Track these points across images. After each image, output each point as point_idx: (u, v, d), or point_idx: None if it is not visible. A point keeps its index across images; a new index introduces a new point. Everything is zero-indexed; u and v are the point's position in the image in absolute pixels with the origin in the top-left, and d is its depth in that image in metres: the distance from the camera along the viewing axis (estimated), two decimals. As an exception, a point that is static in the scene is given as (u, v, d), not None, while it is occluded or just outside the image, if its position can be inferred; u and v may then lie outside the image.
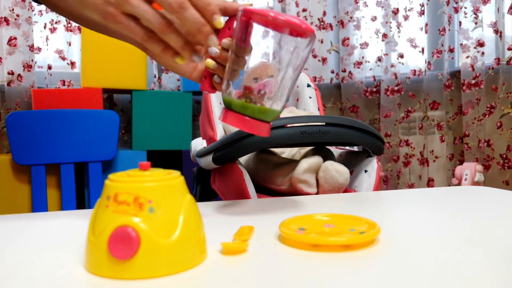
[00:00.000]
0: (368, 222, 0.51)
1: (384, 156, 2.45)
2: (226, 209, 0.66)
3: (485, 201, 0.70)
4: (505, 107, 2.25)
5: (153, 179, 0.39)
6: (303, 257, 0.43)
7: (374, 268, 0.40)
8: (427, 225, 0.55)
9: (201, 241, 0.42)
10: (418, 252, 0.44)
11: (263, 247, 0.47)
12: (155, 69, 2.34)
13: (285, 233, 0.47)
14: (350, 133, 0.82)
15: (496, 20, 2.22)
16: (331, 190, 0.83)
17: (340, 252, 0.44)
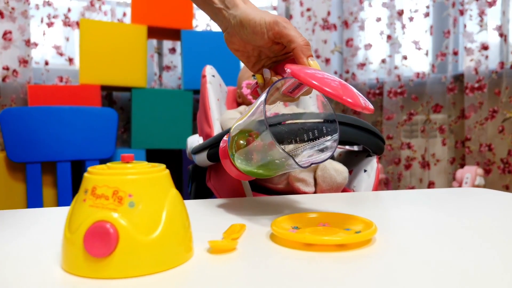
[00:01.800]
0: (364, 222, 0.48)
1: (386, 159, 2.42)
2: (219, 207, 0.63)
3: (485, 203, 0.67)
4: (508, 111, 2.22)
5: (135, 171, 0.37)
6: (295, 256, 0.41)
7: (369, 269, 0.38)
8: (426, 226, 0.53)
9: (186, 239, 0.40)
10: (415, 253, 0.41)
11: (253, 246, 0.44)
12: (156, 67, 2.32)
13: (277, 231, 0.45)
14: (350, 131, 0.79)
15: (502, 23, 2.19)
16: (329, 189, 0.81)
17: (334, 252, 0.42)
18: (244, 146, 0.54)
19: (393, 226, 0.54)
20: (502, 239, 0.47)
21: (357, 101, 0.46)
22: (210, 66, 1.09)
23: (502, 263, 0.39)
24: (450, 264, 0.38)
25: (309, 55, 0.54)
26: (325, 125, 0.56)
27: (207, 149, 0.77)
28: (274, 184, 0.83)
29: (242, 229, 0.49)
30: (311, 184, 0.81)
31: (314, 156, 0.56)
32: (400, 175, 2.41)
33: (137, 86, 1.95)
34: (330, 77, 0.50)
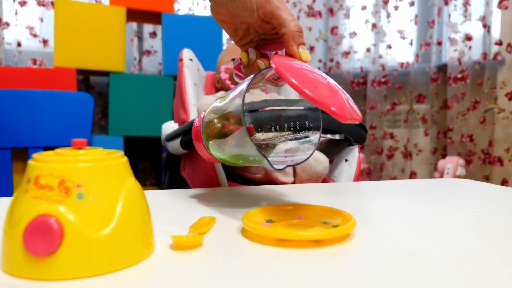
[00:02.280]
0: (343, 215, 0.45)
1: (368, 149, 2.41)
2: (190, 198, 0.60)
3: (467, 194, 0.65)
4: (489, 102, 2.22)
5: (86, 159, 0.33)
6: (267, 253, 0.37)
7: (346, 266, 0.34)
8: (407, 219, 0.50)
9: (145, 234, 0.36)
10: (396, 248, 0.38)
11: (222, 241, 0.41)
12: (136, 51, 2.26)
13: (248, 225, 0.41)
14: (331, 119, 0.76)
15: (485, 14, 2.18)
16: (308, 179, 0.77)
17: (310, 248, 0.39)
18: (218, 132, 0.50)
19: (373, 219, 0.51)
20: (485, 230, 0.44)
21: (344, 112, 0.41)
22: (188, 49, 1.04)
23: (486, 254, 0.36)
24: (433, 259, 0.35)
25: (300, 43, 0.50)
26: (308, 113, 0.53)
27: (181, 136, 0.73)
28: (251, 174, 0.79)
29: (212, 223, 0.45)
30: (290, 174, 0.77)
31: (293, 151, 0.52)
32: (383, 165, 2.40)
33: (115, 71, 1.88)
34: (318, 75, 0.45)
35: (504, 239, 0.42)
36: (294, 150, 0.52)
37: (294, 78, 0.42)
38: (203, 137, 0.51)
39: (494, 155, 2.23)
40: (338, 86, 0.46)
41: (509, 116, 2.20)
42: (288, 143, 0.54)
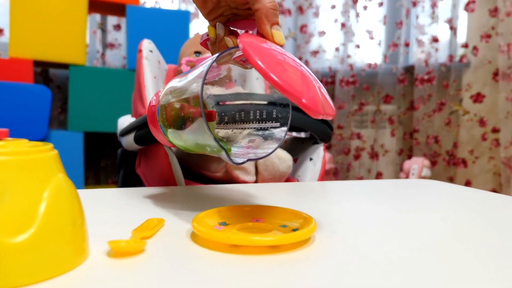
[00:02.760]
0: (303, 217, 0.41)
1: (336, 149, 2.40)
2: (140, 198, 0.55)
3: (432, 194, 0.63)
4: (454, 104, 2.25)
5: (3, 151, 0.28)
6: (217, 260, 0.33)
7: (304, 275, 0.31)
8: (372, 220, 0.47)
9: (76, 239, 0.31)
10: (359, 254, 0.35)
11: (167, 247, 0.36)
12: (99, 44, 2.17)
13: (198, 229, 0.37)
14: (296, 115, 0.73)
15: (452, 16, 2.21)
16: (271, 178, 0.74)
17: (266, 255, 0.35)
18: (175, 115, 0.45)
19: (336, 221, 0.47)
20: (451, 230, 0.42)
21: (316, 105, 0.36)
22: (148, 40, 0.99)
23: (453, 253, 0.33)
24: (399, 262, 0.32)
25: (274, 23, 0.45)
26: (275, 108, 0.49)
27: (135, 130, 0.68)
28: (211, 172, 0.75)
29: (159, 226, 0.41)
30: (252, 173, 0.73)
31: (256, 144, 0.48)
32: (349, 165, 2.40)
33: (75, 63, 1.80)
34: (290, 59, 0.40)
35: (470, 238, 0.39)
36: (258, 143, 0.48)
37: (261, 60, 0.36)
38: (159, 120, 0.47)
39: (458, 157, 2.26)
40: (312, 74, 0.41)
41: (473, 118, 2.23)
42: (252, 135, 0.50)
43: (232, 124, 0.51)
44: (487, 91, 2.19)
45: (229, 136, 0.51)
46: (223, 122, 0.51)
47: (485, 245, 0.39)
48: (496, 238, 0.41)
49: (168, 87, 0.46)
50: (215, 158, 0.74)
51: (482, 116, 2.21)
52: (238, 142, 0.49)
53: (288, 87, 0.34)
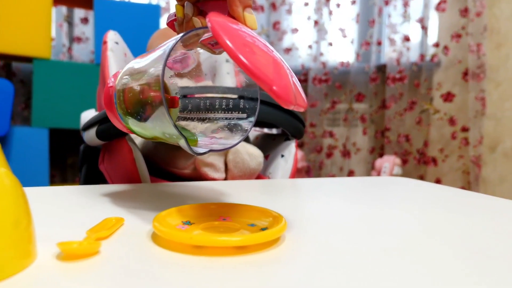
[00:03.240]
0: (273, 215, 0.39)
1: (308, 147, 2.40)
2: (100, 196, 0.51)
3: (404, 191, 0.61)
4: (425, 103, 2.28)
5: None
6: (179, 263, 0.31)
7: (273, 278, 0.28)
8: (344, 217, 0.45)
9: (20, 241, 0.28)
10: (330, 253, 0.33)
11: (125, 249, 0.33)
12: (65, 38, 2.10)
13: (159, 229, 0.34)
14: (267, 110, 0.70)
15: (423, 16, 2.23)
16: (241, 175, 0.71)
17: (232, 256, 0.32)
18: (134, 98, 0.41)
19: (307, 220, 0.45)
20: (422, 229, 0.40)
21: (288, 94, 0.33)
22: (114, 32, 0.95)
23: (425, 250, 0.31)
24: (372, 265, 0.30)
25: (247, 5, 0.42)
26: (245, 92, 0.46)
27: (97, 124, 0.64)
28: (179, 169, 0.72)
29: (117, 225, 0.38)
30: (221, 170, 0.71)
31: (221, 134, 0.45)
32: (322, 164, 2.40)
33: (39, 57, 1.73)
34: (262, 44, 0.37)
35: (442, 235, 0.38)
36: (223, 134, 0.45)
37: (231, 41, 0.33)
38: (116, 104, 0.43)
39: (428, 155, 2.29)
40: (284, 62, 0.38)
41: (443, 117, 2.27)
42: (217, 123, 0.47)
43: (196, 112, 0.48)
44: (457, 91, 2.23)
45: (192, 125, 0.48)
46: (187, 110, 0.48)
47: (457, 241, 0.37)
48: (468, 234, 0.40)
49: (126, 69, 0.43)
50: (182, 154, 0.71)
51: (452, 115, 2.25)
52: (202, 132, 0.46)
53: (258, 72, 0.32)
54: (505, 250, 0.35)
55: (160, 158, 0.73)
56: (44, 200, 0.49)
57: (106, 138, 0.65)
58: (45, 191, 0.54)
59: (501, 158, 2.14)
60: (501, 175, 2.15)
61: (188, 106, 0.49)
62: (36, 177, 1.72)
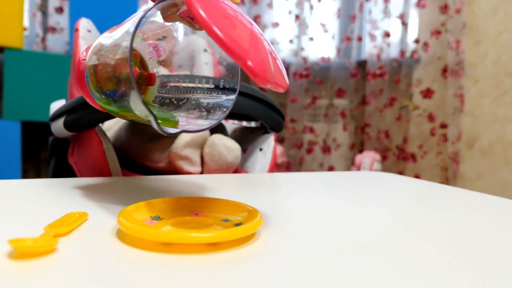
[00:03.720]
0: (248, 210, 0.37)
1: (288, 142, 2.38)
2: (64, 189, 0.48)
3: (384, 186, 0.60)
4: (405, 99, 2.28)
5: None
6: (146, 261, 0.28)
7: (246, 276, 0.26)
8: (323, 212, 0.43)
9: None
10: (307, 253, 0.31)
11: (86, 246, 0.31)
12: (39, 27, 2.03)
13: (124, 225, 0.32)
14: (245, 102, 0.68)
15: (404, 12, 2.23)
16: (218, 169, 0.69)
17: (203, 254, 0.30)
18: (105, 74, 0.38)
19: (285, 215, 0.43)
20: (402, 223, 0.38)
21: (264, 70, 0.30)
22: (86, 19, 0.91)
23: (405, 249, 0.30)
24: (350, 263, 0.28)
25: None
26: (224, 82, 0.43)
27: (65, 114, 0.61)
28: (153, 162, 0.69)
29: (80, 221, 0.35)
30: (197, 164, 0.68)
31: (198, 115, 0.42)
32: (302, 159, 2.39)
33: (11, 47, 1.67)
34: (244, 19, 0.34)
35: (421, 229, 0.36)
36: (200, 114, 0.43)
37: (204, 10, 0.30)
38: (88, 79, 0.40)
39: (407, 151, 2.30)
40: (265, 39, 0.36)
41: (422, 114, 2.28)
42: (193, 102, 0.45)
43: (175, 92, 0.45)
44: (436, 87, 2.24)
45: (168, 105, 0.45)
46: (165, 90, 0.46)
47: (437, 235, 0.36)
48: (448, 228, 0.38)
49: (98, 42, 0.40)
50: (157, 147, 0.68)
51: (431, 111, 2.26)
52: (177, 111, 0.44)
53: (232, 44, 0.29)
54: (483, 243, 0.34)
55: (133, 151, 0.70)
56: (3, 193, 0.46)
57: (75, 129, 0.61)
58: (6, 184, 0.50)
59: (478, 155, 2.17)
60: (478, 171, 2.17)
61: (167, 85, 0.46)
62: (8, 172, 1.66)
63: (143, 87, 0.46)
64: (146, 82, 0.44)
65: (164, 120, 0.39)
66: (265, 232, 0.35)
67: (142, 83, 0.45)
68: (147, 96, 0.47)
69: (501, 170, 2.12)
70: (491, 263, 0.30)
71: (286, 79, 0.34)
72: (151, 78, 0.44)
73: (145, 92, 0.47)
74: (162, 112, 0.42)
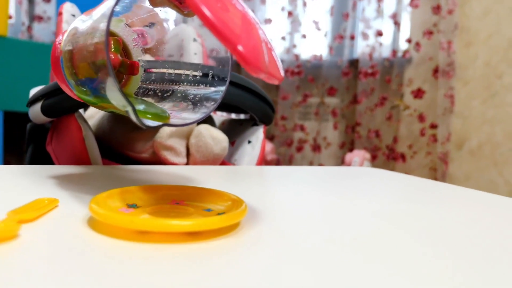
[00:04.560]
0: (232, 199, 0.34)
1: (278, 140, 2.36)
2: (39, 176, 0.45)
3: (374, 182, 0.58)
4: (396, 99, 2.28)
5: None
6: (119, 250, 0.26)
7: (229, 267, 0.24)
8: (310, 207, 0.41)
9: None
10: (292, 245, 0.28)
11: (54, 233, 0.28)
12: (25, 16, 1.98)
13: (95, 211, 0.29)
14: (234, 92, 0.65)
15: (397, 11, 2.22)
16: (204, 161, 0.66)
17: (183, 244, 0.28)
18: (82, 61, 0.36)
19: (271, 207, 0.41)
20: (390, 218, 0.36)
21: (256, 57, 0.27)
22: (71, 4, 0.87)
23: (392, 243, 0.28)
24: (337, 257, 0.26)
25: None
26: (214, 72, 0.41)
27: (43, 99, 0.58)
28: (136, 153, 0.66)
29: (49, 207, 0.32)
30: (182, 154, 0.65)
31: (184, 107, 0.40)
32: (291, 157, 2.37)
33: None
34: (239, 4, 0.32)
35: (411, 223, 0.34)
36: (186, 107, 0.40)
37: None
38: (63, 65, 0.37)
39: (397, 151, 2.29)
40: (261, 27, 0.33)
41: (413, 114, 2.27)
42: (179, 94, 0.42)
43: (160, 83, 0.42)
44: (427, 87, 2.23)
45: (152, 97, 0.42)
46: (150, 80, 0.43)
47: (426, 230, 0.34)
48: (436, 223, 0.36)
49: (72, 27, 0.37)
50: (140, 136, 0.65)
51: (421, 111, 2.25)
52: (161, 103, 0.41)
53: (222, 27, 0.26)
54: (473, 239, 0.32)
55: (116, 140, 0.67)
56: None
57: (53, 115, 0.58)
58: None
59: (467, 156, 2.16)
60: (467, 172, 2.17)
61: (152, 76, 0.44)
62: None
63: (125, 76, 0.43)
64: (128, 71, 0.42)
65: (154, 115, 0.36)
66: (249, 224, 0.33)
67: (124, 72, 0.42)
68: (129, 87, 0.44)
69: (490, 171, 2.12)
70: (481, 256, 0.28)
71: (281, 70, 0.31)
72: (133, 67, 0.41)
73: (128, 82, 0.44)
74: (152, 107, 0.39)
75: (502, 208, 0.45)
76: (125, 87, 0.43)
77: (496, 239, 0.33)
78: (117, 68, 0.41)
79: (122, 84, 0.42)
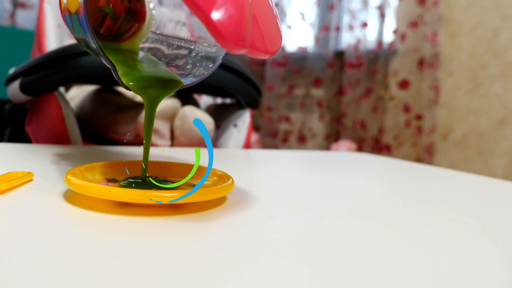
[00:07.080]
0: (218, 175, 0.33)
1: (264, 131, 2.35)
2: (13, 153, 0.43)
3: (360, 164, 0.57)
4: (381, 90, 2.28)
5: None
6: (95, 223, 0.24)
7: (209, 242, 0.22)
8: (296, 187, 0.39)
9: None
10: (280, 220, 0.27)
11: (25, 205, 0.26)
12: (8, 2, 1.93)
13: (71, 182, 0.27)
14: (221, 74, 0.64)
15: (382, 3, 2.22)
16: (189, 144, 0.64)
17: (163, 216, 0.26)
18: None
19: (259, 185, 0.40)
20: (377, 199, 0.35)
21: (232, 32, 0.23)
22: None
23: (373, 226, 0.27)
24: (320, 232, 0.24)
25: None
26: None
27: (21, 76, 0.55)
28: (119, 135, 0.64)
29: (23, 180, 0.31)
30: (166, 136, 0.63)
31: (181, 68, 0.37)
32: (277, 148, 2.36)
33: (-27, 20, 1.57)
34: None
35: (401, 207, 0.33)
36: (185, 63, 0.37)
37: None
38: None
39: (382, 142, 2.29)
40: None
41: (398, 105, 2.27)
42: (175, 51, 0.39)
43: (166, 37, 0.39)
44: (413, 78, 2.24)
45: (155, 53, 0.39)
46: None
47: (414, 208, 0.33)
48: (425, 201, 0.36)
49: None
50: (123, 118, 0.63)
51: (407, 102, 2.26)
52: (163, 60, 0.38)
53: None
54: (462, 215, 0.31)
55: (98, 122, 0.65)
56: None
57: (32, 92, 0.56)
58: None
59: (452, 147, 2.18)
60: (452, 163, 2.19)
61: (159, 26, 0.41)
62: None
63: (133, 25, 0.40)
64: (136, 19, 0.39)
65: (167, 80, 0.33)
66: (236, 200, 0.31)
67: (131, 20, 0.39)
68: (136, 39, 0.41)
69: (474, 162, 2.14)
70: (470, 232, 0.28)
71: (277, 45, 0.27)
72: (140, 14, 0.38)
73: (137, 32, 0.41)
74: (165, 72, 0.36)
75: (490, 189, 0.44)
76: (132, 38, 0.40)
77: (487, 216, 0.32)
78: (123, 15, 0.38)
79: (129, 35, 0.39)
